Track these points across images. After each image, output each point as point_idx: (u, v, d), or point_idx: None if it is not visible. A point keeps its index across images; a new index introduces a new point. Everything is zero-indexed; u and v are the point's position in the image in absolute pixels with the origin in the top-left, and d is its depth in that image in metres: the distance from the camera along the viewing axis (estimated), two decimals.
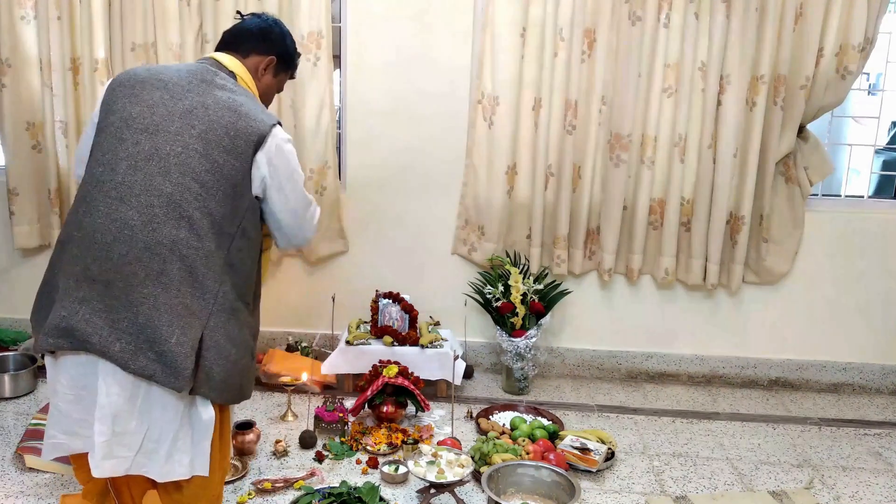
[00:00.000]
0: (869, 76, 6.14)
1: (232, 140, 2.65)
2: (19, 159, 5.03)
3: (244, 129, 2.67)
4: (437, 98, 5.01)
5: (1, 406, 4.54)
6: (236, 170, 2.66)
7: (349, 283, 5.20)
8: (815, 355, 5.26)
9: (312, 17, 4.80)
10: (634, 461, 4.18)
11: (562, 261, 5.08)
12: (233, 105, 2.72)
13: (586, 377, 5.38)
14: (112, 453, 2.56)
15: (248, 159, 2.68)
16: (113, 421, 2.52)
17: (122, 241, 2.51)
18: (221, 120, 2.66)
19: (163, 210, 2.55)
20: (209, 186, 2.61)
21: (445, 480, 3.50)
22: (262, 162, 2.72)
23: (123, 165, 2.59)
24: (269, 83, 3.12)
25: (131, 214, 2.53)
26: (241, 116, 2.70)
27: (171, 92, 2.70)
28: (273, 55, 3.08)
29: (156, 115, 2.65)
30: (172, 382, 2.50)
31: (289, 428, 4.40)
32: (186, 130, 2.63)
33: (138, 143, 2.61)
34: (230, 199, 2.66)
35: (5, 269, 5.41)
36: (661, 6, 4.66)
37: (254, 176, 2.72)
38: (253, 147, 2.68)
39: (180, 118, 2.64)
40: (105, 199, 2.57)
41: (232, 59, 2.96)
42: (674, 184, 4.90)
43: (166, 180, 2.56)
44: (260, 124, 2.71)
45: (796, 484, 3.99)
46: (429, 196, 5.16)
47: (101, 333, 2.48)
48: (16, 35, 4.89)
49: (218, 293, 2.63)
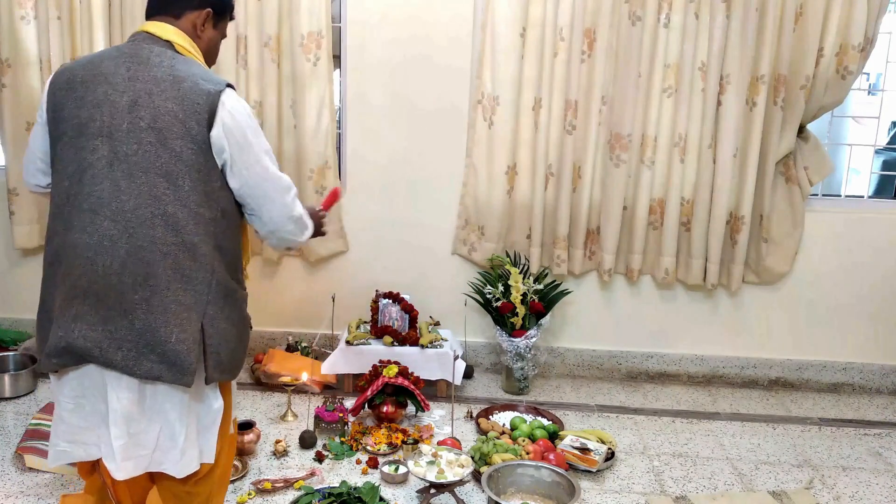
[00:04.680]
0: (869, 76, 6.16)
1: (182, 123, 2.53)
2: (19, 160, 5.01)
3: (191, 108, 2.54)
4: (437, 98, 5.03)
5: (1, 406, 4.56)
6: (196, 153, 2.55)
7: (349, 282, 5.22)
8: (815, 355, 5.27)
9: (312, 17, 4.80)
10: (634, 461, 4.19)
11: (562, 261, 5.09)
12: (174, 83, 2.56)
13: (586, 377, 5.39)
14: (130, 454, 2.58)
15: (204, 139, 2.55)
16: (127, 424, 2.55)
17: (103, 252, 2.48)
18: (167, 104, 2.53)
19: (134, 214, 2.50)
20: (174, 177, 2.52)
21: (445, 480, 3.51)
22: (219, 135, 2.58)
23: (87, 176, 2.53)
24: (212, 36, 2.88)
25: (106, 225, 2.49)
26: (186, 94, 2.55)
27: (112, 85, 2.56)
28: (208, 7, 2.80)
29: (104, 115, 2.53)
30: (180, 379, 2.51)
31: (289, 428, 4.42)
32: (136, 125, 2.52)
33: (95, 149, 2.53)
34: (200, 185, 2.56)
35: (5, 269, 5.42)
36: (662, 6, 4.67)
37: (215, 152, 2.59)
38: (206, 124, 2.55)
39: (128, 113, 2.52)
40: (79, 214, 2.52)
41: (165, 27, 2.72)
42: (674, 184, 4.91)
43: (132, 182, 2.50)
44: (206, 96, 2.56)
45: (796, 484, 4.01)
46: (429, 196, 5.18)
47: (102, 346, 2.49)
48: (16, 35, 4.89)
49: (211, 282, 2.60)
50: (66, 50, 4.91)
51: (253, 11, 4.81)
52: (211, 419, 2.73)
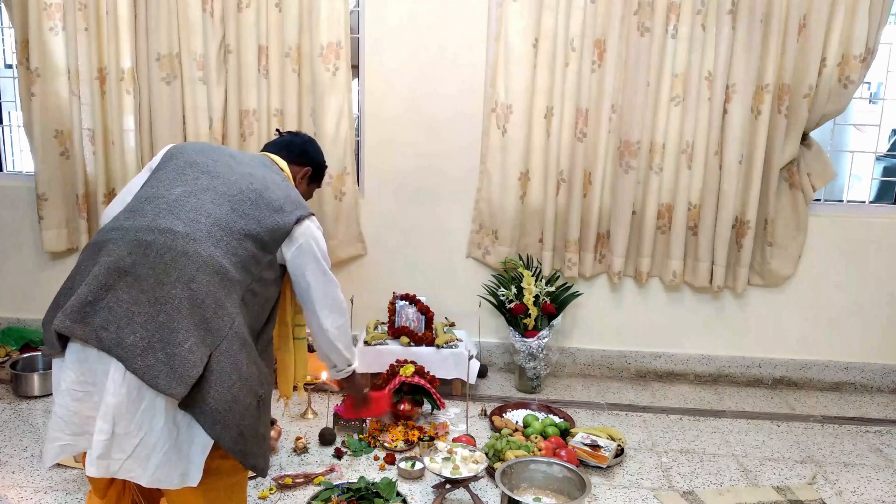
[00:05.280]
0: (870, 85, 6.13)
1: (276, 212, 2.88)
2: (48, 165, 5.14)
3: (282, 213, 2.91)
4: (452, 106, 5.09)
5: (30, 404, 4.65)
6: (274, 231, 2.87)
7: (367, 285, 5.28)
8: (817, 355, 5.33)
9: (332, 28, 4.88)
10: (643, 457, 4.24)
11: (573, 264, 5.16)
12: (285, 186, 3.06)
13: (596, 376, 5.45)
14: (107, 454, 2.48)
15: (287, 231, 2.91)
16: (114, 421, 2.45)
17: (161, 242, 2.56)
18: (276, 190, 2.95)
19: (207, 229, 2.66)
20: (251, 228, 2.80)
21: (460, 476, 3.56)
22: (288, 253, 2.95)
23: (179, 190, 2.77)
24: (303, 189, 3.45)
25: (177, 224, 2.62)
26: (290, 195, 3.00)
27: (235, 158, 3.03)
28: (309, 167, 3.46)
29: (219, 165, 2.92)
30: (173, 388, 2.41)
31: (309, 425, 4.47)
32: (245, 181, 2.89)
33: (197, 178, 2.83)
34: (261, 249, 2.82)
35: (34, 272, 5.52)
36: (669, 18, 4.74)
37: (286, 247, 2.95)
38: (286, 231, 2.91)
39: (239, 174, 2.91)
40: (154, 209, 2.67)
41: (281, 161, 3.28)
42: (681, 189, 4.97)
43: (217, 207, 2.74)
44: (302, 209, 2.98)
45: (800, 479, 4.05)
46: (444, 201, 5.24)
47: (119, 323, 2.44)
48: (45, 46, 4.97)
49: (235, 320, 2.62)
50: (93, 60, 4.97)
51: (274, 22, 4.89)
52: (202, 445, 2.55)
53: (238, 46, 4.93)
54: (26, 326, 5.55)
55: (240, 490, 2.89)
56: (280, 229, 2.87)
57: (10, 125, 5.72)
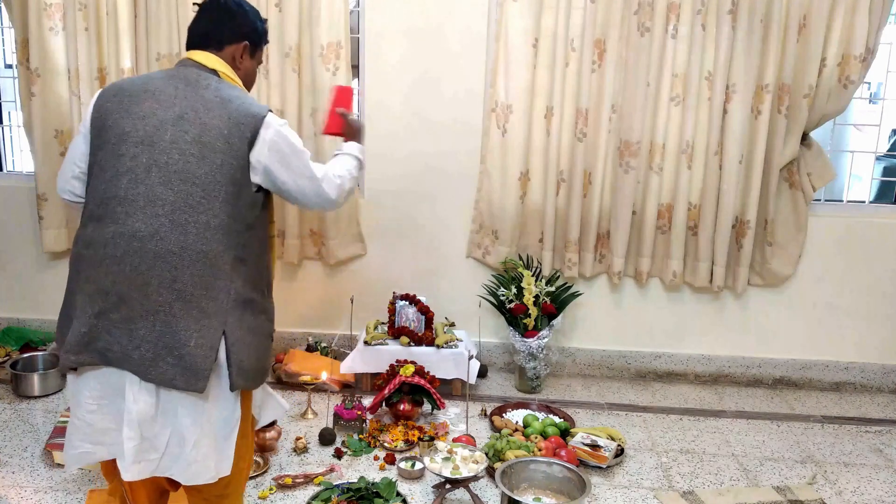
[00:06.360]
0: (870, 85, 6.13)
1: (226, 140, 2.64)
2: (48, 166, 5.13)
3: (237, 127, 2.66)
4: (453, 106, 5.10)
5: (30, 404, 4.65)
6: (234, 168, 2.65)
7: (367, 285, 5.29)
8: (817, 355, 5.33)
9: (332, 28, 4.88)
10: (643, 457, 4.25)
11: (573, 264, 5.16)
12: (222, 103, 2.69)
13: (596, 376, 5.45)
14: (140, 457, 2.56)
15: (244, 156, 2.67)
16: (140, 426, 2.53)
17: (132, 252, 2.51)
18: (213, 121, 2.65)
19: (168, 218, 2.55)
20: (210, 189, 2.60)
21: (460, 476, 3.57)
22: (262, 153, 2.71)
23: (125, 180, 2.58)
24: (249, 66, 3.03)
25: (139, 226, 2.54)
26: (232, 114, 2.67)
27: (159, 101, 2.67)
28: (245, 40, 2.95)
29: (148, 125, 2.62)
30: (193, 385, 2.50)
31: (309, 425, 4.47)
32: (181, 137, 2.61)
33: (136, 156, 2.60)
34: (233, 198, 2.65)
35: (35, 272, 5.53)
36: (669, 18, 4.74)
37: (254, 168, 2.71)
38: (248, 143, 2.67)
39: (172, 125, 2.62)
40: (112, 215, 2.57)
41: (209, 56, 2.86)
42: (681, 189, 4.97)
43: (168, 189, 2.57)
44: (252, 118, 2.69)
45: (800, 479, 4.06)
46: (444, 201, 5.24)
47: (121, 342, 2.49)
48: (45, 46, 4.96)
49: (230, 291, 2.62)
50: (93, 60, 4.99)
51: (274, 22, 4.88)
52: (229, 429, 2.69)
53: None
54: (26, 326, 5.55)
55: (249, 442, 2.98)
56: (240, 158, 2.68)
57: (10, 125, 5.72)
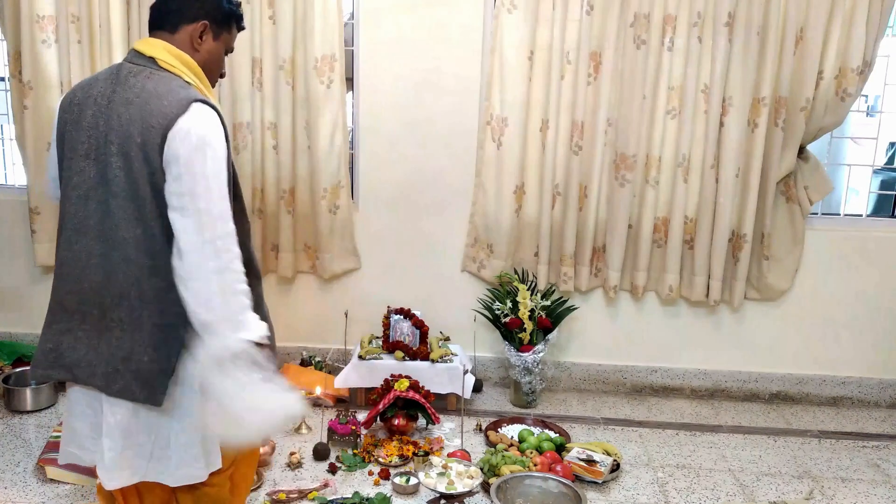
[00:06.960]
0: (867, 98, 6.12)
1: (141, 148, 2.39)
2: (41, 179, 5.07)
3: (148, 132, 2.38)
4: (448, 119, 5.09)
5: (23, 419, 4.63)
6: (157, 177, 2.41)
7: (361, 299, 5.27)
8: (814, 370, 5.31)
9: (326, 40, 4.87)
10: (639, 473, 4.24)
11: (568, 278, 5.15)
12: (141, 104, 2.42)
13: (592, 391, 5.43)
14: (124, 465, 2.55)
15: (160, 163, 2.39)
16: (123, 436, 2.53)
17: (89, 270, 2.49)
18: (129, 129, 2.40)
19: (114, 234, 2.47)
20: (141, 202, 2.42)
21: (455, 491, 3.57)
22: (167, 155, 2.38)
23: (75, 196, 2.50)
24: (211, 49, 2.67)
25: (91, 244, 2.49)
26: (146, 117, 2.39)
27: (98, 107, 2.47)
28: (204, 19, 2.61)
29: (91, 138, 2.47)
30: (151, 398, 2.48)
31: (303, 440, 4.45)
32: (108, 150, 2.43)
33: (82, 170, 2.49)
34: (164, 209, 2.43)
35: (27, 286, 5.51)
36: (665, 30, 4.74)
37: None
38: (158, 149, 2.39)
39: (105, 137, 2.44)
40: (68, 233, 2.54)
41: (153, 43, 2.57)
42: (677, 203, 4.97)
43: (112, 204, 2.45)
44: (163, 119, 2.38)
45: (797, 495, 4.05)
46: (439, 215, 5.23)
47: (88, 358, 2.51)
48: (37, 58, 4.94)
49: None
50: (86, 73, 4.94)
51: (268, 35, 4.90)
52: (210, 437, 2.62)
53: (231, 59, 4.87)
54: (18, 341, 5.52)
55: None
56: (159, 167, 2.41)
57: (2, 138, 5.71)
